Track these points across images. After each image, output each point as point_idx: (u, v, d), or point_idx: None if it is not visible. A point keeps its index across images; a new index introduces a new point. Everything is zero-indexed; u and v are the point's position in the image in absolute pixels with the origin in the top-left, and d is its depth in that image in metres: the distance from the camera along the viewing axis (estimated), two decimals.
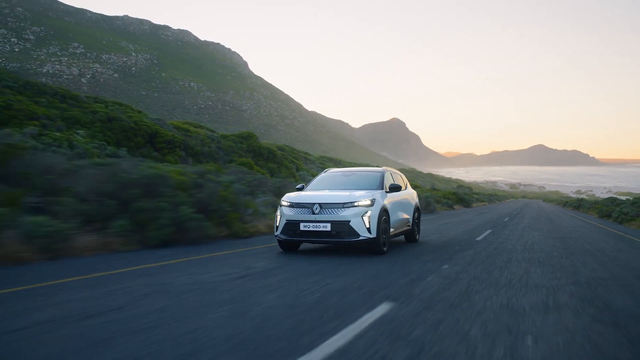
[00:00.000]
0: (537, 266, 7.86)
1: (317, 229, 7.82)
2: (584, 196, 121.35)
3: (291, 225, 8.03)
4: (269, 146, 26.66)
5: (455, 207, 37.37)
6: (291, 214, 8.09)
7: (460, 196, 39.38)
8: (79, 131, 15.78)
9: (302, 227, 7.90)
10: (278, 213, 8.41)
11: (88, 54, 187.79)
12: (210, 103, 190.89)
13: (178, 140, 19.67)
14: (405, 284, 5.86)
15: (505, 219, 23.97)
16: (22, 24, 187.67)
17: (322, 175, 10.24)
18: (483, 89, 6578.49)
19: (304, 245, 9.45)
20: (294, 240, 8.19)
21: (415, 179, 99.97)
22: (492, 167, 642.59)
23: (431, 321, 4.16)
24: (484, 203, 62.25)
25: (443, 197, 35.39)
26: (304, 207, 8.02)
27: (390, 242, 9.37)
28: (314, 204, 7.95)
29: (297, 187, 9.56)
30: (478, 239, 12.49)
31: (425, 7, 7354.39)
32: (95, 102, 19.66)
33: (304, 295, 5.00)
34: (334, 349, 3.35)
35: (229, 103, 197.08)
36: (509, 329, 3.99)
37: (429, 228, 16.05)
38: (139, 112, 21.91)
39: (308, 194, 8.48)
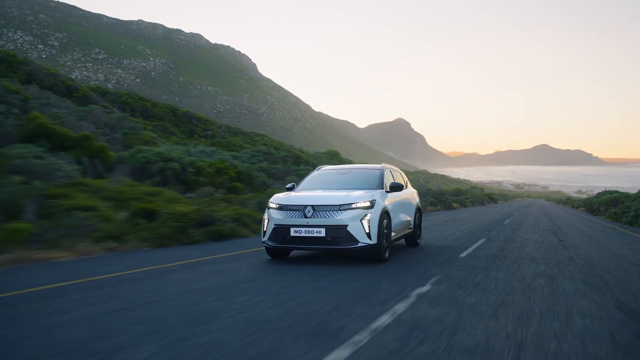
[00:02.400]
0: (538, 211, 36.24)
1: (310, 235, 7.13)
2: (584, 195, 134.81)
3: (280, 231, 7.34)
4: (349, 161, 37.32)
5: (491, 203, 58.11)
6: (280, 217, 7.41)
7: (491, 196, 54.48)
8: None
9: (292, 232, 7.21)
10: (265, 216, 7.70)
11: (110, 59, 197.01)
12: (229, 107, 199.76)
13: (310, 161, 30.33)
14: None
15: (526, 208, 45.06)
16: (45, 31, 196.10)
17: (315, 173, 9.43)
18: (487, 89, 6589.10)
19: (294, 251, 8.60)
20: (283, 247, 7.53)
21: (431, 180, 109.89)
22: (493, 167, 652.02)
23: None
24: (501, 201, 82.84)
25: (483, 196, 50.55)
26: (295, 210, 7.34)
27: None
28: (306, 206, 7.27)
29: (286, 186, 8.79)
30: (522, 209, 39.33)
31: (429, 8, 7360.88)
32: (255, 136, 30.20)
33: None
34: None
35: (245, 107, 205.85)
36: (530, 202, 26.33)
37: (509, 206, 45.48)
38: (268, 139, 32.51)
39: (299, 195, 7.76)
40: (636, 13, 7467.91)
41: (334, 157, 37.51)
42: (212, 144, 21.69)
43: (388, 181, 8.67)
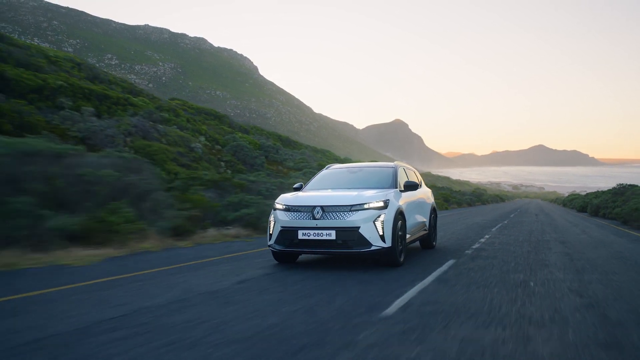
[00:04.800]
0: (535, 205, 56.26)
1: (319, 238, 6.76)
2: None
3: (287, 233, 7.02)
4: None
5: (500, 202, 75.93)
6: (287, 219, 7.05)
7: (500, 196, 69.54)
8: None
9: (300, 235, 6.87)
10: (272, 218, 7.36)
11: (122, 65, 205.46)
12: (238, 111, 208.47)
13: None
14: None
15: (527, 204, 62.72)
16: (60, 37, 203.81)
17: (324, 172, 9.08)
18: (484, 90, 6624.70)
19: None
20: (290, 251, 7.17)
21: (436, 183, 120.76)
22: (488, 168, 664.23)
23: None
24: (507, 200, 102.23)
25: (495, 196, 65.23)
26: (303, 211, 6.97)
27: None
28: (315, 206, 6.90)
29: (294, 186, 8.43)
30: (525, 205, 60.87)
31: (424, 10, 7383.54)
32: (327, 151, 41.84)
33: None
34: None
35: (254, 111, 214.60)
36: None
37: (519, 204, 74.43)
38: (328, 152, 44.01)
39: (307, 195, 7.42)
40: (633, 14, 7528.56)
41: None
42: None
43: (402, 180, 8.32)
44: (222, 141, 20.95)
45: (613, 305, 4.82)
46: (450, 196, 45.57)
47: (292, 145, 37.30)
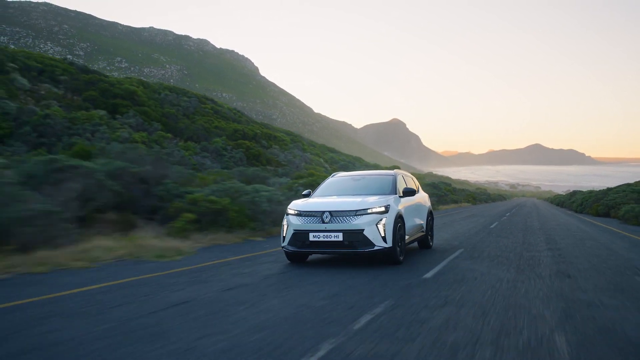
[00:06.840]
0: (530, 203, 75.96)
1: (328, 239, 7.77)
2: None
3: (299, 236, 8.01)
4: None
5: (502, 200, 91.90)
6: (299, 223, 8.06)
7: (503, 195, 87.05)
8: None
9: (311, 237, 7.87)
10: (285, 222, 8.36)
11: (132, 68, 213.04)
12: (245, 113, 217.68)
13: None
14: None
15: (524, 202, 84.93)
16: (71, 41, 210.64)
17: (330, 180, 10.25)
18: (481, 89, 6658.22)
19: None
20: (302, 251, 8.20)
21: (440, 184, 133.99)
22: (483, 167, 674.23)
23: None
24: (508, 199, 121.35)
25: (499, 195, 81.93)
26: (313, 216, 7.98)
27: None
28: (324, 211, 7.90)
29: (303, 193, 9.62)
30: (523, 202, 79.31)
31: (420, 10, 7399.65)
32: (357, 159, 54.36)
33: None
34: None
35: (260, 113, 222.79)
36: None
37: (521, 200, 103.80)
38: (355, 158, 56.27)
39: (316, 201, 8.47)
40: (631, 14, 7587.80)
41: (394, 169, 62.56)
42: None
43: (401, 186, 9.28)
44: (326, 159, 33.00)
45: (543, 217, 27.30)
46: (475, 196, 64.70)
47: (335, 154, 49.55)
